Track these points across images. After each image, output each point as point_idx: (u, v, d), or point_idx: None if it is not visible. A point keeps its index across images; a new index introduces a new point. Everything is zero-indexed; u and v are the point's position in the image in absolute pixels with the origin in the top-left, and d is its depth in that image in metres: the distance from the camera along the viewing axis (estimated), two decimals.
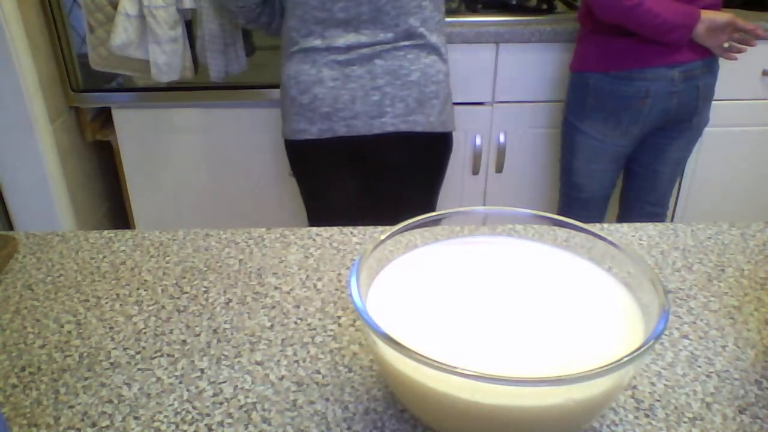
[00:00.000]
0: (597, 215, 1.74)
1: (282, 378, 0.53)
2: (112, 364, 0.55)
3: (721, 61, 1.50)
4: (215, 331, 0.58)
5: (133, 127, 1.80)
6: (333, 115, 1.28)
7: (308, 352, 0.56)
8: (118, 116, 1.79)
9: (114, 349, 0.57)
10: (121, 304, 0.62)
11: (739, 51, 1.45)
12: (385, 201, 1.46)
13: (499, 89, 1.78)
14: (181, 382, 0.52)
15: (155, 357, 0.55)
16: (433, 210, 1.49)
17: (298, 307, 0.62)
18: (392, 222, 0.53)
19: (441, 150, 1.41)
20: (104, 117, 1.88)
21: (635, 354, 0.38)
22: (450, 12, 1.82)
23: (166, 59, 1.53)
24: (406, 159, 1.38)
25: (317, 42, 1.26)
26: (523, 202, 1.94)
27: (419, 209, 0.54)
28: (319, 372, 0.53)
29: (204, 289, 0.65)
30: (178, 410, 0.50)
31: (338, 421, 0.48)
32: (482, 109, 1.80)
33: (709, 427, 0.48)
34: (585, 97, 1.55)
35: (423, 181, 1.45)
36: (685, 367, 0.54)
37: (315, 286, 0.65)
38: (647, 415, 0.49)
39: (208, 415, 0.49)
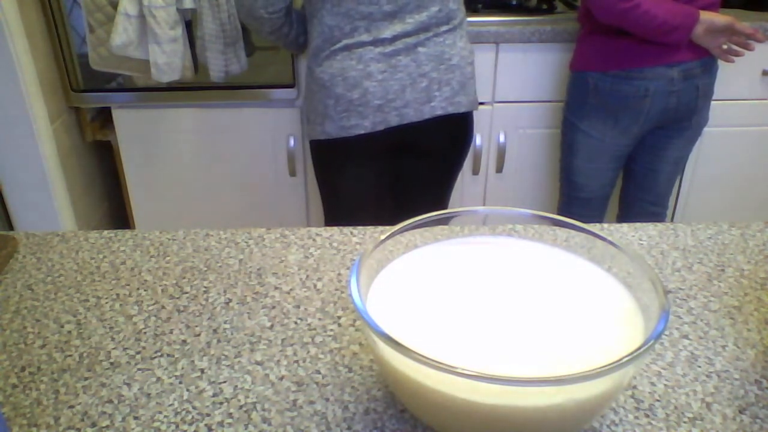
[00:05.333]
0: (597, 214, 1.74)
1: (282, 378, 0.53)
2: (112, 364, 0.55)
3: (721, 61, 1.50)
4: (215, 331, 0.58)
5: (133, 127, 1.80)
6: (385, 107, 1.31)
7: (308, 352, 0.56)
8: (118, 116, 1.79)
9: (114, 349, 0.57)
10: (121, 304, 0.62)
11: (738, 54, 1.45)
12: (413, 192, 1.49)
13: (499, 89, 1.78)
14: (181, 382, 0.52)
15: (155, 357, 0.55)
16: (449, 196, 1.54)
17: (298, 307, 0.62)
18: (414, 211, 0.53)
19: (472, 127, 1.46)
20: (104, 117, 1.88)
21: (635, 354, 0.38)
22: None
23: (166, 59, 1.53)
24: (446, 141, 1.43)
25: (363, 36, 1.27)
26: (523, 202, 1.94)
27: (439, 191, 0.54)
28: (319, 372, 0.53)
29: (204, 289, 0.65)
30: (178, 410, 0.50)
31: (338, 421, 0.48)
32: (482, 109, 1.80)
33: (709, 427, 0.48)
34: (585, 97, 1.55)
35: (452, 165, 1.50)
36: (685, 367, 0.54)
37: (315, 286, 0.65)
38: (647, 415, 0.49)
39: (208, 415, 0.49)
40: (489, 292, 0.51)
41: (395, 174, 1.48)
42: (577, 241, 0.53)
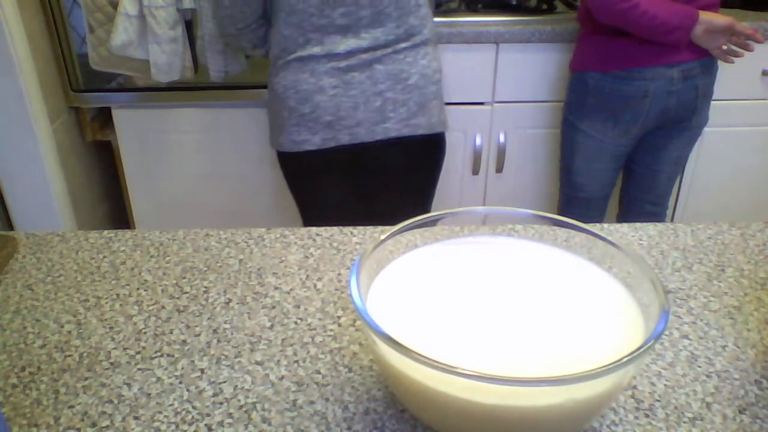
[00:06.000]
0: (597, 214, 1.74)
1: (282, 378, 0.53)
2: (112, 364, 0.55)
3: (721, 61, 1.50)
4: (215, 331, 0.58)
5: (133, 127, 1.80)
6: (336, 124, 1.26)
7: (308, 352, 0.56)
8: (118, 116, 1.79)
9: (114, 349, 0.57)
10: (121, 304, 0.62)
11: (737, 54, 1.45)
12: (383, 206, 1.44)
13: (499, 89, 1.78)
14: (181, 382, 0.52)
15: (155, 357, 0.55)
16: (428, 207, 1.48)
17: (298, 307, 0.62)
18: (390, 220, 0.53)
19: (439, 150, 1.39)
20: (104, 117, 1.87)
21: (635, 354, 0.38)
22: (450, 12, 1.82)
23: (166, 59, 1.53)
24: (405, 162, 1.36)
25: (316, 49, 1.23)
26: (523, 202, 1.94)
27: (414, 213, 0.54)
28: (319, 372, 0.53)
29: (204, 289, 0.65)
30: (178, 410, 0.50)
31: (338, 421, 0.48)
32: (482, 109, 1.80)
33: (709, 427, 0.48)
34: (585, 97, 1.55)
35: (420, 185, 1.44)
36: (685, 367, 0.54)
37: (315, 286, 0.65)
38: (647, 415, 0.49)
39: (208, 415, 0.49)
40: (489, 292, 0.51)
41: (357, 191, 1.42)
42: (577, 241, 0.53)
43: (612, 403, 0.50)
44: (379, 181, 1.40)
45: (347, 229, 0.75)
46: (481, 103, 1.80)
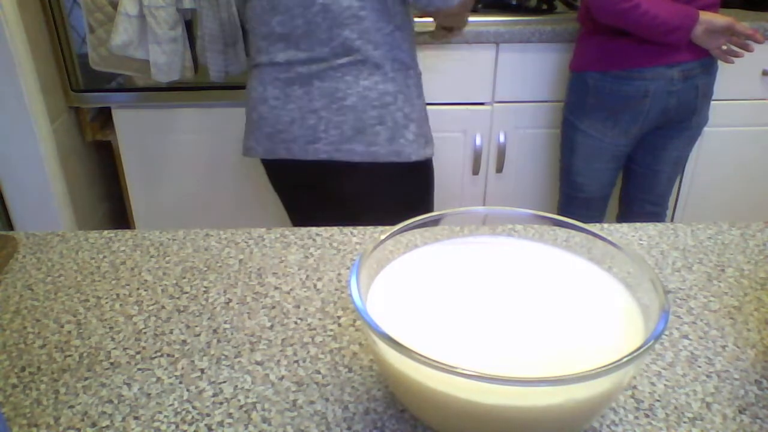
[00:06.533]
0: (597, 214, 1.74)
1: (282, 378, 0.53)
2: (112, 364, 0.55)
3: (721, 61, 1.50)
4: (215, 331, 0.58)
5: (133, 127, 1.80)
6: (274, 137, 1.21)
7: (308, 352, 0.56)
8: (118, 116, 1.79)
9: (114, 349, 0.57)
10: (121, 304, 0.62)
11: (737, 55, 1.45)
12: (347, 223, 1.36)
13: (499, 89, 1.78)
14: (181, 382, 0.52)
15: (155, 357, 0.55)
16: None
17: (298, 307, 0.62)
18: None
19: (392, 182, 1.23)
20: (104, 117, 1.88)
21: (635, 354, 0.38)
22: None
23: (166, 59, 1.53)
24: (362, 189, 1.24)
25: (263, 58, 1.19)
26: (523, 202, 1.94)
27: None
28: (319, 372, 0.53)
29: (204, 289, 0.65)
30: (178, 410, 0.50)
31: (338, 421, 0.48)
32: (482, 109, 1.80)
33: (709, 427, 0.48)
34: (585, 97, 1.55)
35: (399, 214, 1.33)
36: (685, 367, 0.54)
37: (315, 286, 0.65)
38: (647, 415, 0.49)
39: (208, 415, 0.49)
40: (489, 292, 0.51)
41: (332, 211, 1.26)
42: (577, 241, 0.53)
43: (612, 403, 0.50)
44: (344, 206, 1.26)
45: (347, 229, 0.75)
46: (481, 103, 1.80)
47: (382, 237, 0.50)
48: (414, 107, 1.21)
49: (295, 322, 0.59)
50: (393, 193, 1.25)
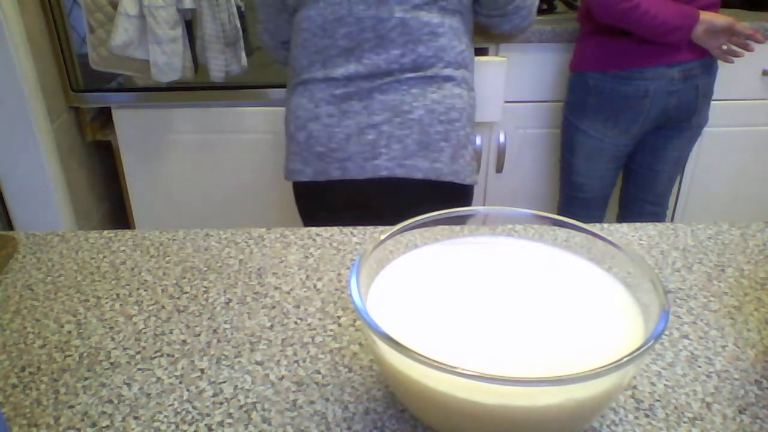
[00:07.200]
0: (597, 214, 1.74)
1: (282, 378, 0.53)
2: (112, 364, 0.55)
3: (721, 61, 1.50)
4: (215, 331, 0.58)
5: (133, 127, 1.81)
6: (326, 156, 1.14)
7: (308, 352, 0.56)
8: (118, 116, 1.79)
9: (114, 349, 0.57)
10: (121, 304, 0.62)
11: (737, 54, 1.45)
12: None
13: None
14: (181, 382, 0.52)
15: (155, 357, 0.55)
16: None
17: (298, 307, 0.62)
18: None
19: (446, 203, 1.19)
20: (104, 117, 1.88)
21: (635, 354, 0.38)
22: None
23: (166, 59, 1.53)
24: (416, 209, 1.19)
25: (317, 73, 1.13)
26: (523, 202, 1.94)
27: None
28: (319, 372, 0.53)
29: (204, 289, 0.65)
30: (178, 410, 0.50)
31: (338, 421, 0.48)
32: None
33: (709, 427, 0.48)
34: (585, 97, 1.55)
35: None
36: (685, 367, 0.54)
37: (315, 286, 0.65)
38: (647, 415, 0.49)
39: (208, 415, 0.49)
40: (489, 292, 0.51)
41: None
42: (577, 241, 0.53)
43: (612, 403, 0.50)
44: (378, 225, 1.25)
45: (347, 229, 0.75)
46: None
47: (382, 237, 0.50)
48: (473, 129, 1.18)
49: (295, 322, 0.59)
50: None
